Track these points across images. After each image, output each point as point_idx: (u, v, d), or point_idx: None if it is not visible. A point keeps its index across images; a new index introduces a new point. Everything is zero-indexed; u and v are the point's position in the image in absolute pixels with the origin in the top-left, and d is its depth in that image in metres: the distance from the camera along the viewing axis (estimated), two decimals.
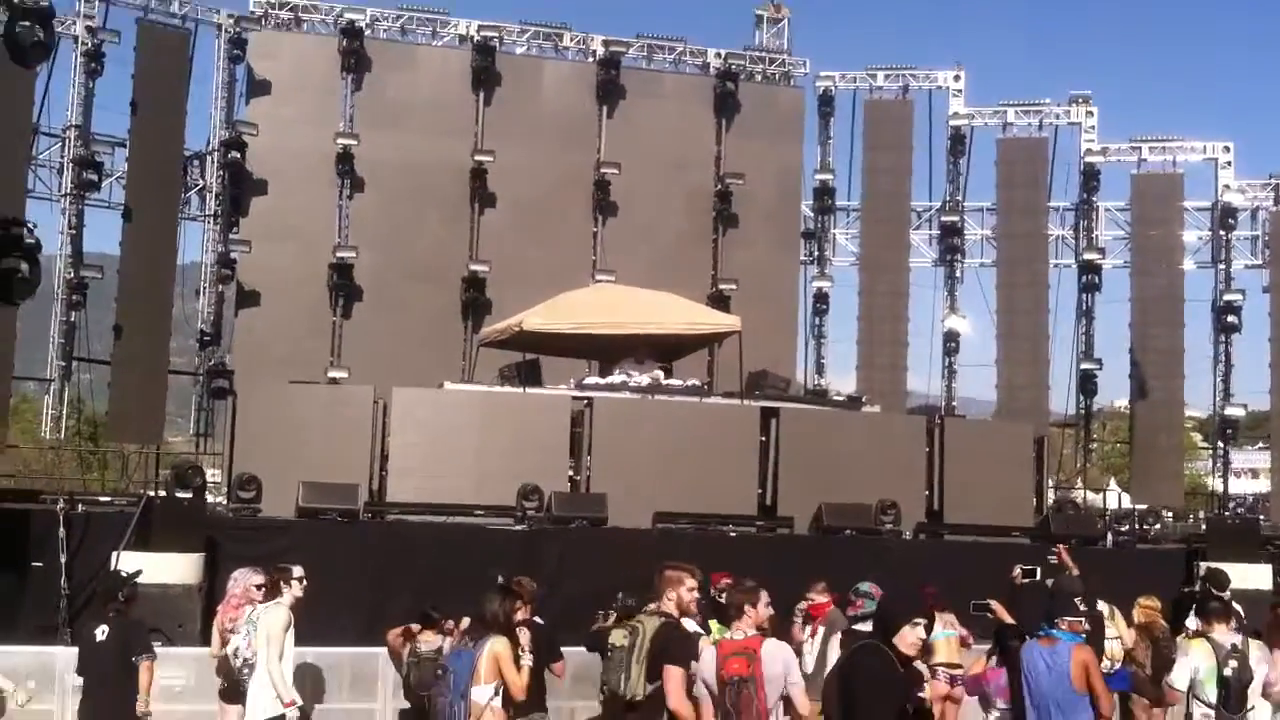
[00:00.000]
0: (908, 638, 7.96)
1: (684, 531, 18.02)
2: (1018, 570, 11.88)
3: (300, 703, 10.58)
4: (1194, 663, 9.64)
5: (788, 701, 8.49)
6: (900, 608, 8.28)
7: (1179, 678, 9.71)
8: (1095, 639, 11.12)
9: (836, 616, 13.23)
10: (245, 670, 10.35)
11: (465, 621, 9.68)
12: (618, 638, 9.16)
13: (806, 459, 19.64)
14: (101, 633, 9.93)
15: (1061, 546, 13.53)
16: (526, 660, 9.23)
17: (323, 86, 29.64)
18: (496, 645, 8.80)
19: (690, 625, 9.95)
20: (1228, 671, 9.47)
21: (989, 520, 19.97)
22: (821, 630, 12.97)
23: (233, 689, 10.66)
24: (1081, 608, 9.52)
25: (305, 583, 10.81)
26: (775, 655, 8.52)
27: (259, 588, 10.91)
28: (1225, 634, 9.76)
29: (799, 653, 11.02)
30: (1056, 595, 9.56)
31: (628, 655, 8.94)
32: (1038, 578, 12.00)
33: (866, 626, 9.34)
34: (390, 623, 11.93)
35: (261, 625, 10.40)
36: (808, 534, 18.90)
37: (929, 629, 8.46)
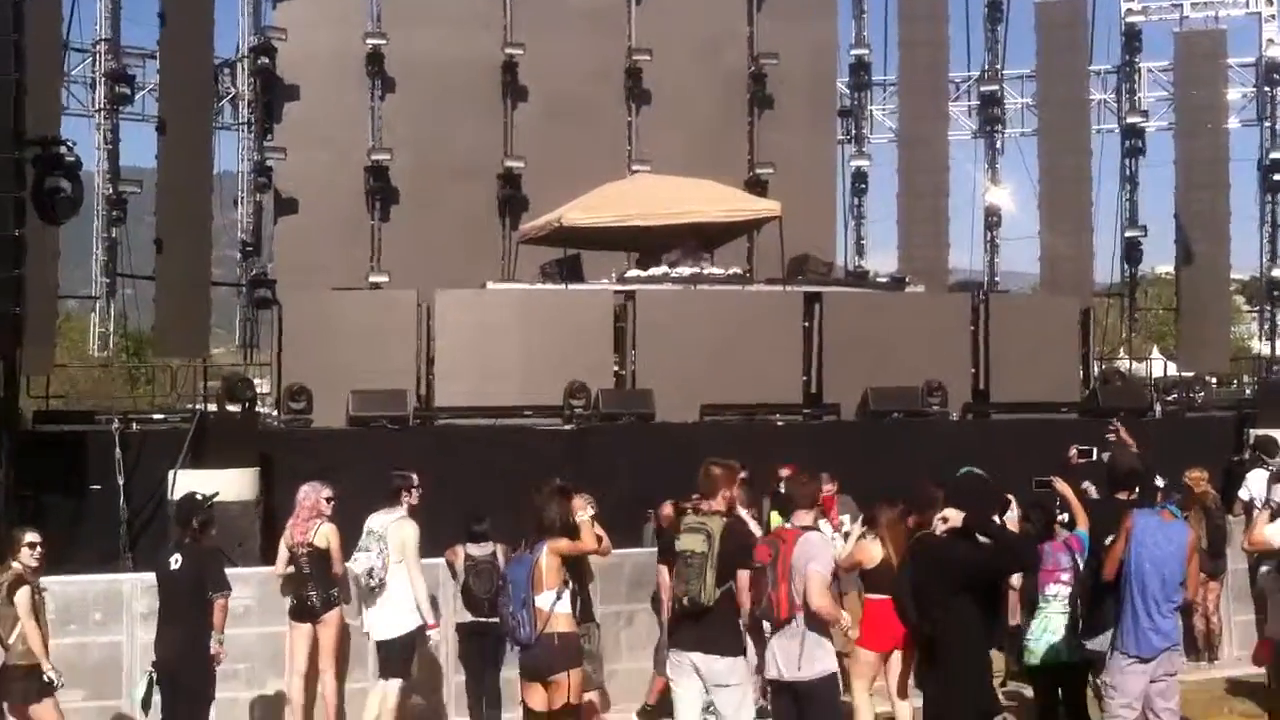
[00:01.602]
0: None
1: (731, 423, 18.12)
2: (1074, 451, 11.84)
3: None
4: None
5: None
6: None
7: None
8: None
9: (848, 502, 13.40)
10: (375, 589, 10.45)
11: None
12: (694, 543, 8.53)
13: (851, 343, 19.62)
14: (175, 561, 9.59)
15: (1119, 423, 13.45)
16: (586, 514, 9.22)
17: None
18: (559, 544, 8.85)
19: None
20: None
21: (1036, 396, 20.00)
22: (846, 518, 13.13)
23: (301, 606, 10.73)
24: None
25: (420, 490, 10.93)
26: (803, 546, 8.43)
27: (329, 500, 10.97)
28: None
29: None
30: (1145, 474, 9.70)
31: (704, 562, 8.43)
32: (1094, 458, 11.97)
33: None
34: (447, 531, 12.07)
35: (394, 539, 10.49)
36: (855, 419, 18.95)
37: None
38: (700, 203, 21.78)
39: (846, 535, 12.06)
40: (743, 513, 9.87)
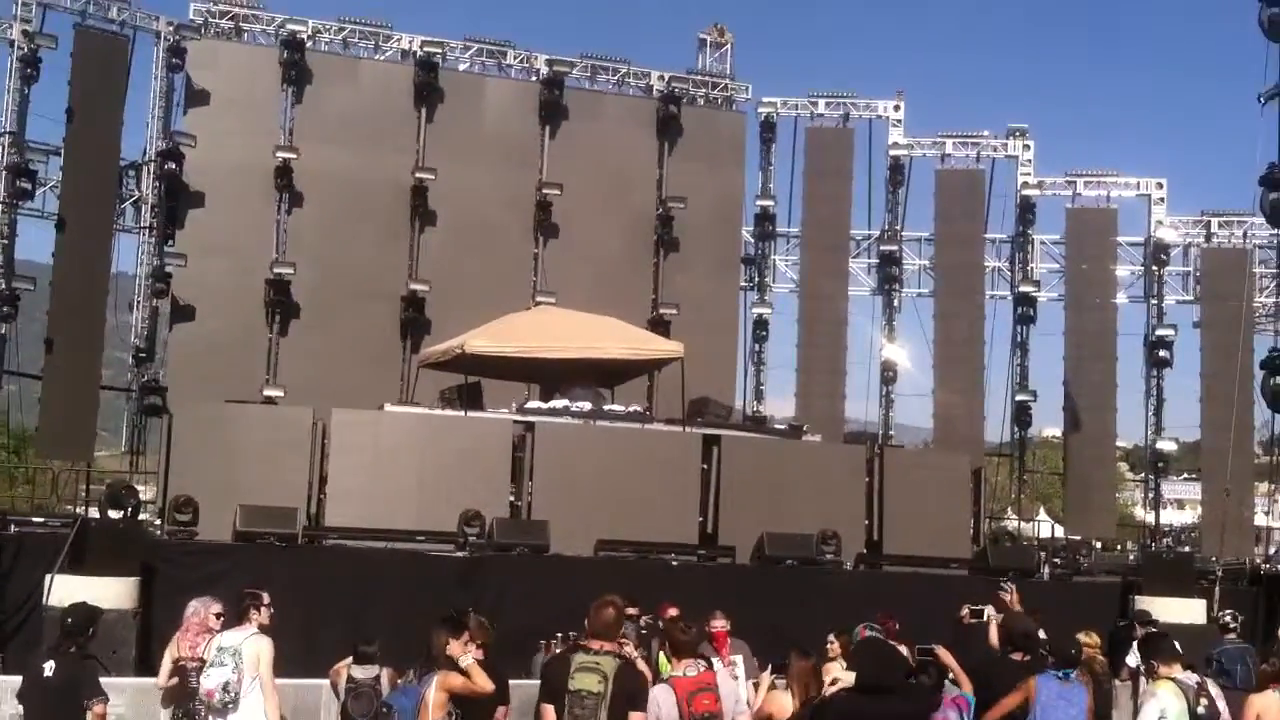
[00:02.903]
0: None
1: (625, 559, 17.95)
2: (965, 610, 11.94)
3: None
4: (1163, 704, 9.63)
5: None
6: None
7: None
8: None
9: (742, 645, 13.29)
10: (229, 704, 10.07)
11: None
12: (589, 683, 8.11)
13: (748, 487, 19.64)
14: (50, 668, 9.29)
15: (1012, 586, 13.57)
16: (468, 659, 9.06)
17: (263, 98, 29.28)
18: (451, 680, 8.65)
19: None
20: (1201, 710, 9.51)
21: (927, 550, 20.09)
22: (739, 660, 12.98)
23: None
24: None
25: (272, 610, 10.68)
26: (727, 687, 8.49)
27: (218, 616, 10.67)
28: (1184, 674, 9.80)
29: None
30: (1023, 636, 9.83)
31: (598, 703, 8.01)
32: (984, 618, 12.05)
33: None
34: (330, 651, 11.74)
35: (249, 654, 10.15)
36: (749, 564, 18.88)
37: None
38: (604, 339, 21.87)
39: (740, 679, 11.89)
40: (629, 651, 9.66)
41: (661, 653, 11.90)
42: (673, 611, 11.48)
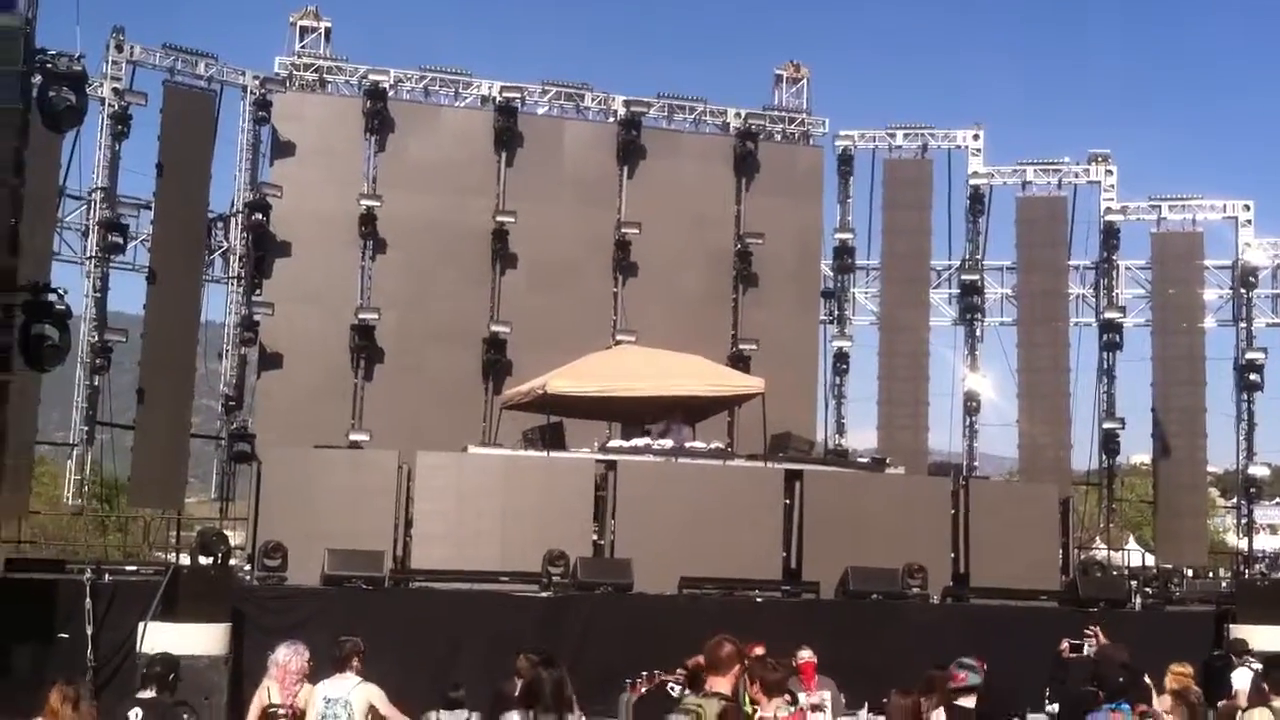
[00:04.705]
0: None
1: (710, 597, 17.97)
2: (1065, 644, 11.85)
3: None
4: None
5: None
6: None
7: None
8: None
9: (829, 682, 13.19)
10: None
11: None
12: None
13: (831, 522, 19.62)
14: (135, 716, 9.44)
15: (1097, 628, 13.40)
16: None
17: (346, 147, 29.77)
18: None
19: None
20: None
21: (1015, 582, 19.92)
22: (826, 695, 12.89)
23: None
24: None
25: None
26: None
27: (309, 662, 10.83)
28: None
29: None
30: (1109, 670, 9.62)
31: None
32: (1084, 652, 11.92)
33: (969, 701, 9.18)
34: (419, 694, 11.85)
35: (359, 703, 10.31)
36: (834, 598, 18.81)
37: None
38: (684, 376, 21.96)
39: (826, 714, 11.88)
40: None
41: (748, 693, 11.92)
42: (759, 650, 11.44)
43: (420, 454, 18.90)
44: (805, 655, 12.84)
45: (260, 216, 28.52)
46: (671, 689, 9.09)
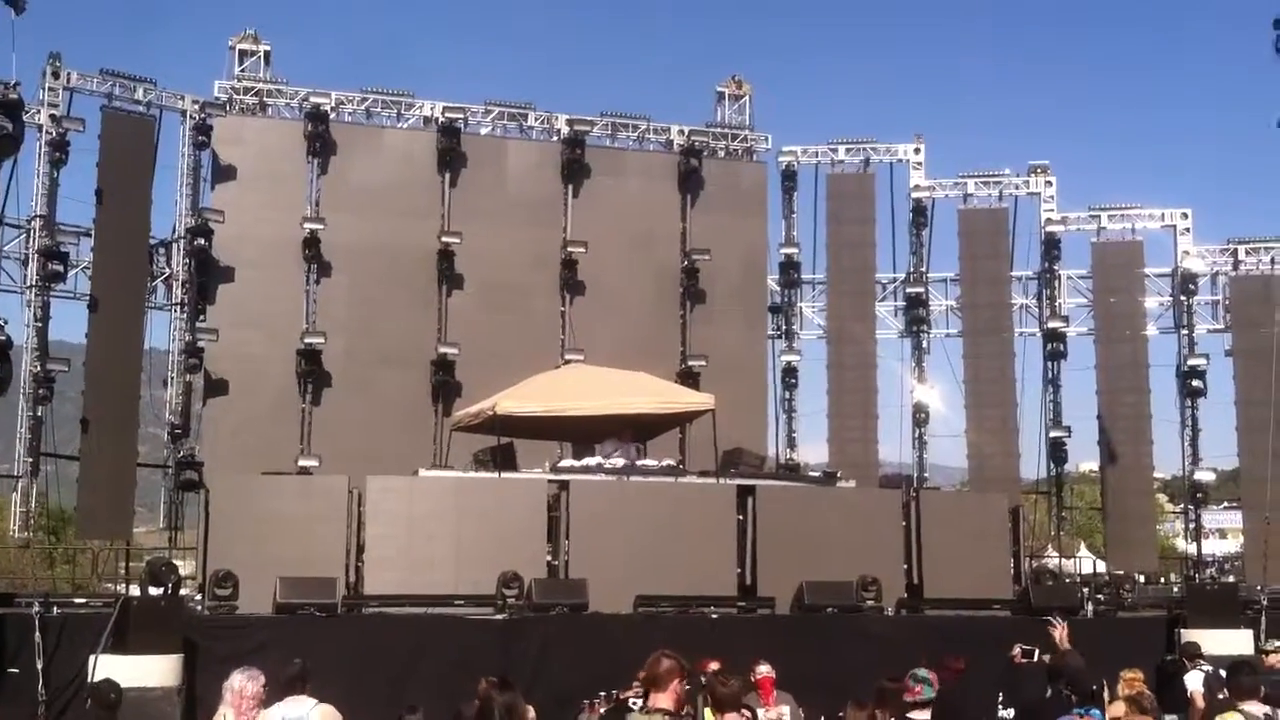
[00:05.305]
0: None
1: (666, 615, 17.92)
2: (1017, 650, 11.88)
3: None
4: None
5: None
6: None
7: None
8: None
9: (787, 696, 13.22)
10: None
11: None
12: None
13: (784, 536, 19.59)
14: None
15: (1061, 625, 13.47)
16: None
17: (288, 171, 29.61)
18: None
19: None
20: None
21: (968, 592, 20.01)
22: (785, 710, 12.93)
23: None
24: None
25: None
26: None
27: (265, 688, 10.68)
28: (1255, 707, 9.55)
29: None
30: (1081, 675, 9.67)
31: None
32: (1035, 658, 11.97)
33: (923, 715, 9.20)
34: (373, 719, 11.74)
35: None
36: (790, 613, 18.81)
37: None
38: (634, 394, 21.89)
39: None
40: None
41: (706, 709, 11.90)
42: (714, 665, 11.42)
43: (370, 478, 18.73)
44: (763, 670, 12.86)
45: (202, 242, 28.25)
46: (633, 704, 9.03)
